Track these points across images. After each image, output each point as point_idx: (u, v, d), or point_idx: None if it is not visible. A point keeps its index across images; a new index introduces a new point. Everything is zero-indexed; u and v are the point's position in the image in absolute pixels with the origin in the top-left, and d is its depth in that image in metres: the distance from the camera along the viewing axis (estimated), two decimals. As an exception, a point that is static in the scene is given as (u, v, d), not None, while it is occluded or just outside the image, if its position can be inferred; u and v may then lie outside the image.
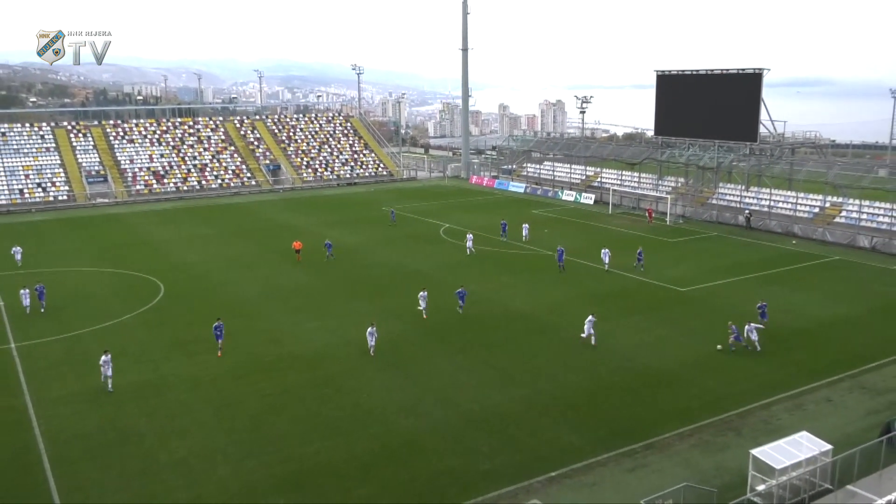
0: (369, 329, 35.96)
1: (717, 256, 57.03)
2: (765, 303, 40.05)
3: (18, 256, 56.07)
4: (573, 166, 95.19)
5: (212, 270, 53.67)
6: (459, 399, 30.89)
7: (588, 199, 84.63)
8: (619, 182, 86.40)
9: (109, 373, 31.94)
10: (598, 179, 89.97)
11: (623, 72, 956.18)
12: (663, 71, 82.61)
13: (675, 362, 34.77)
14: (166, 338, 38.82)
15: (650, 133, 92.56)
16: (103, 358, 32.06)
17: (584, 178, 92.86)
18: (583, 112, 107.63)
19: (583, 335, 36.85)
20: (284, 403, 30.67)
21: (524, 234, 62.24)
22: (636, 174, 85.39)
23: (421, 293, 41.53)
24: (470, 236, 57.86)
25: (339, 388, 32.21)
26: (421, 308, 41.11)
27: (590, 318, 36.89)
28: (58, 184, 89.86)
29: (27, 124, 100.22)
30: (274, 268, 54.11)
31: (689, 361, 34.91)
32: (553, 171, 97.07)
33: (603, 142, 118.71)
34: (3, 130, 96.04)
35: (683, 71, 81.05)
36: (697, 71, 79.02)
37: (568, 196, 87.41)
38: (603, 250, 52.67)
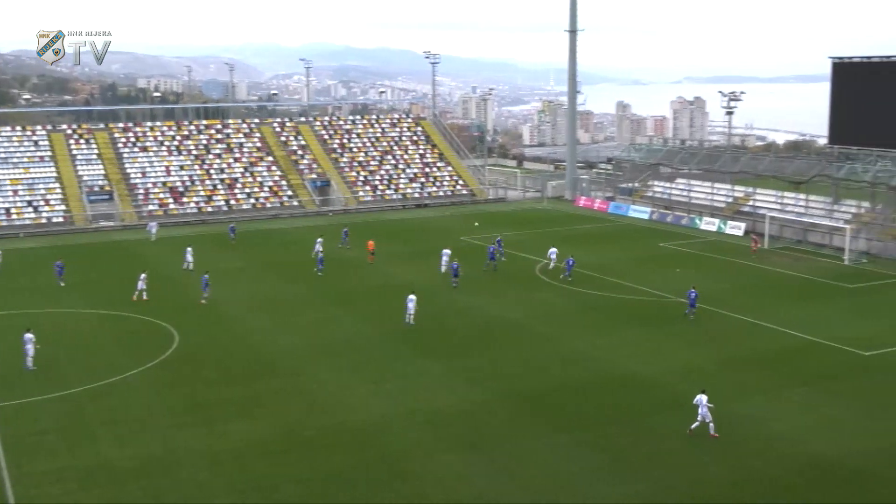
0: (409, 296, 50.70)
1: (915, 309, 55.40)
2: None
3: None
4: (716, 185, 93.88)
5: (241, 315, 54.86)
6: (558, 494, 30.55)
7: (736, 229, 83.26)
8: (779, 207, 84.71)
9: (31, 353, 42.65)
10: (750, 203, 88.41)
11: (785, 59, 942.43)
12: (841, 58, 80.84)
13: (856, 452, 33.65)
14: (179, 400, 39.71)
15: (822, 141, 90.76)
16: (27, 335, 42.95)
17: (730, 200, 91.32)
18: (730, 113, 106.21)
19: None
20: (328, 492, 30.90)
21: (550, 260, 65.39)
22: (803, 196, 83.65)
23: None
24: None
25: (399, 472, 32.30)
26: None
27: (701, 398, 35.28)
28: (52, 202, 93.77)
29: (18, 127, 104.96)
30: (322, 313, 55.00)
31: (875, 451, 33.72)
32: (689, 191, 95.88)
33: (756, 152, 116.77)
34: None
35: (870, 58, 79.19)
36: (889, 58, 77.02)
37: (708, 225, 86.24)
38: None
